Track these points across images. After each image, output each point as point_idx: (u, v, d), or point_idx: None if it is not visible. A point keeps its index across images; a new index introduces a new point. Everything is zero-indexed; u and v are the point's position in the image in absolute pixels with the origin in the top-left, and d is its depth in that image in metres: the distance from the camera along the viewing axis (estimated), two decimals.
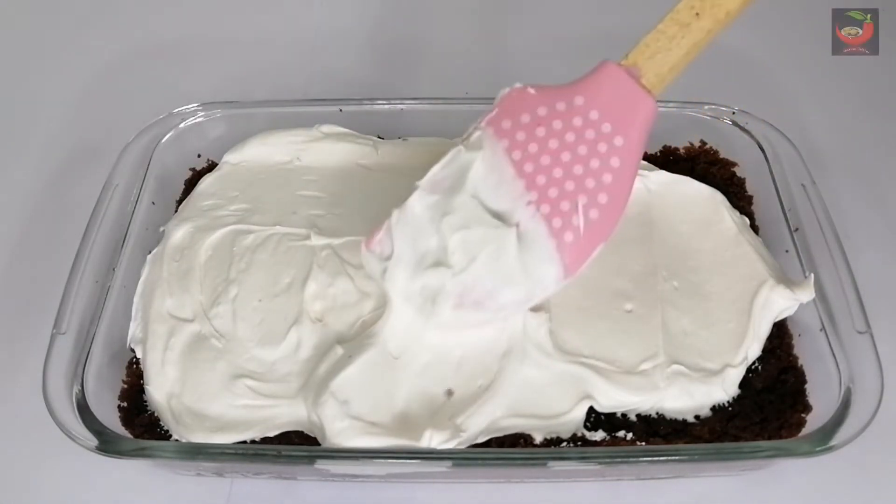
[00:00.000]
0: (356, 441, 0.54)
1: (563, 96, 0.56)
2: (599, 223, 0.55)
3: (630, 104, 0.55)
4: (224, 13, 1.03)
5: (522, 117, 0.56)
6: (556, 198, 0.55)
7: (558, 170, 0.55)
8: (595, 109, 0.55)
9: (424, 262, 0.56)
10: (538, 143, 0.56)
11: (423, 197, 0.57)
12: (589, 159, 0.55)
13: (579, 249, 0.55)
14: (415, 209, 0.57)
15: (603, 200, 0.55)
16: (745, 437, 0.57)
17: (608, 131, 0.55)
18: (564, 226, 0.55)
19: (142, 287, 0.65)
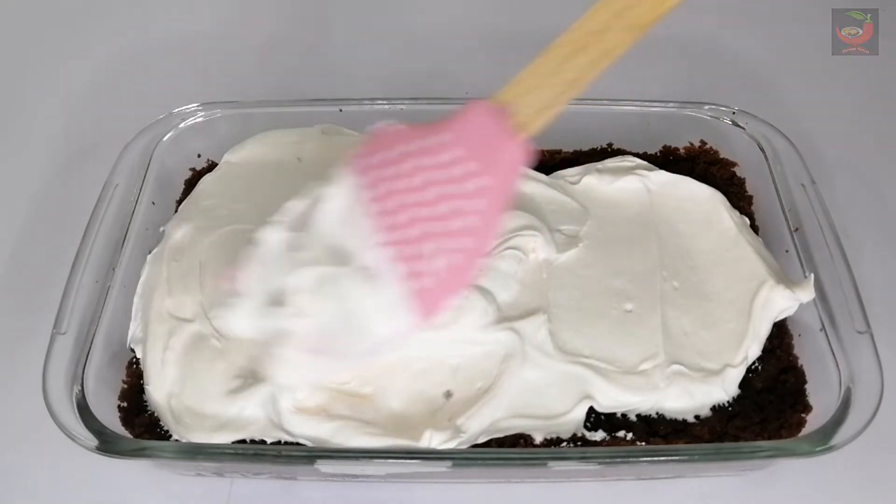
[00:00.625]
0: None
1: (431, 133, 0.52)
2: (461, 267, 0.51)
3: (498, 144, 0.50)
4: (224, 13, 1.03)
5: (388, 154, 0.52)
6: (416, 239, 0.50)
7: (423, 209, 0.50)
8: (461, 148, 0.50)
9: (266, 302, 0.52)
10: (401, 181, 0.51)
11: (275, 232, 0.53)
12: (453, 199, 0.50)
13: (437, 294, 0.51)
14: (267, 244, 0.53)
15: (466, 243, 0.50)
16: (745, 437, 0.57)
17: (474, 170, 0.50)
18: (422, 269, 0.50)
19: (142, 287, 0.65)
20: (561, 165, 0.74)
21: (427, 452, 0.54)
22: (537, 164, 0.74)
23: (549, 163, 0.76)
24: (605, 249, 0.66)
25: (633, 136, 0.76)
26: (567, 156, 0.76)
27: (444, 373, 0.58)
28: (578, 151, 0.76)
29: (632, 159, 0.72)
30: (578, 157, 0.76)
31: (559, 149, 0.77)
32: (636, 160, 0.72)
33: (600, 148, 0.77)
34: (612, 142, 0.77)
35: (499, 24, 1.00)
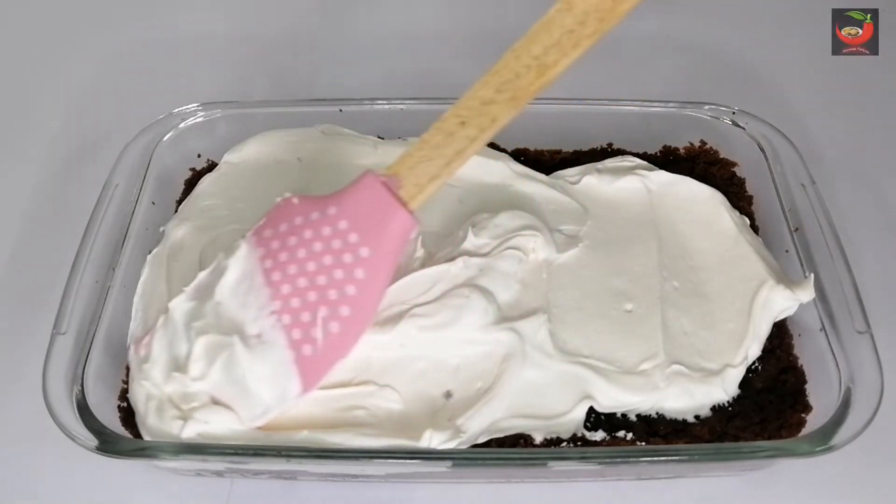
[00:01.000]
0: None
1: (319, 206, 0.56)
2: (339, 336, 0.54)
3: (382, 215, 0.54)
4: (224, 13, 1.03)
5: (281, 226, 0.56)
6: (298, 308, 0.54)
7: (303, 279, 0.54)
8: (344, 219, 0.54)
9: (168, 367, 0.56)
10: (288, 252, 0.55)
11: (183, 302, 0.57)
12: (333, 269, 0.54)
13: (317, 363, 0.54)
14: (174, 313, 0.57)
15: (345, 313, 0.53)
16: (745, 437, 0.57)
17: (354, 241, 0.54)
18: (304, 338, 0.53)
19: (142, 287, 0.65)
20: (561, 165, 0.74)
21: (427, 452, 0.54)
22: (537, 164, 0.74)
23: (549, 163, 0.76)
24: (605, 249, 0.66)
25: (633, 136, 0.76)
26: (567, 156, 0.76)
27: (445, 373, 0.58)
28: (578, 151, 0.76)
29: (632, 159, 0.72)
30: (578, 157, 0.76)
31: (559, 149, 0.77)
32: (636, 160, 0.72)
33: (600, 148, 0.77)
34: (612, 142, 0.77)
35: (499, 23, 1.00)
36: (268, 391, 0.54)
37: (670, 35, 0.97)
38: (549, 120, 0.75)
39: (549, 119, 0.75)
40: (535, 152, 0.77)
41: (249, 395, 0.54)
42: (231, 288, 0.55)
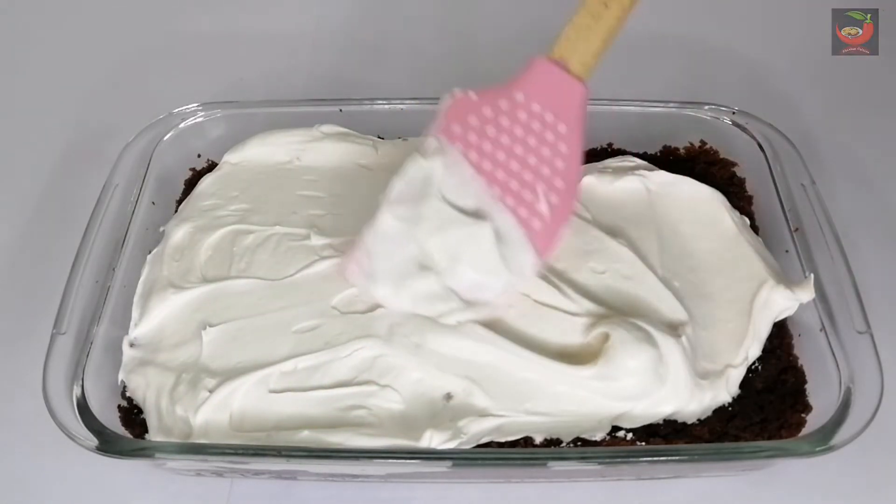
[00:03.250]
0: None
1: (503, 95, 0.58)
2: (560, 206, 0.58)
3: (566, 92, 0.57)
4: (224, 13, 1.03)
5: (470, 120, 0.59)
6: (518, 189, 0.58)
7: (514, 163, 0.58)
8: (536, 102, 0.58)
9: (407, 271, 0.58)
10: (490, 142, 0.58)
11: (391, 211, 0.59)
12: (540, 149, 0.58)
13: (548, 233, 0.58)
14: (386, 224, 0.59)
15: (559, 185, 0.58)
16: (745, 437, 0.57)
17: (551, 120, 0.58)
18: (531, 214, 0.58)
19: (142, 287, 0.65)
20: None
21: (427, 452, 0.54)
22: None
23: None
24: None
25: (633, 136, 0.76)
26: None
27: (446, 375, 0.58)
28: None
29: (632, 159, 0.72)
30: None
31: None
32: (636, 160, 0.72)
33: (600, 148, 0.77)
34: (612, 142, 0.77)
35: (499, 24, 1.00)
36: (512, 268, 0.58)
37: (670, 35, 0.97)
38: None
39: None
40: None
41: (496, 275, 0.58)
42: (445, 185, 0.58)
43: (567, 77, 0.57)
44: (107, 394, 0.59)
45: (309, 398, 0.57)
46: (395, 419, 0.56)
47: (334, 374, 0.58)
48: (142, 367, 0.60)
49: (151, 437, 0.57)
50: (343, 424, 0.56)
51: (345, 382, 0.58)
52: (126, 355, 0.61)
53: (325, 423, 0.56)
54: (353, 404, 0.57)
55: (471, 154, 0.59)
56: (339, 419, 0.56)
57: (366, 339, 0.59)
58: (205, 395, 0.57)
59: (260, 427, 0.56)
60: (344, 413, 0.57)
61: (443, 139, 0.59)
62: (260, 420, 0.57)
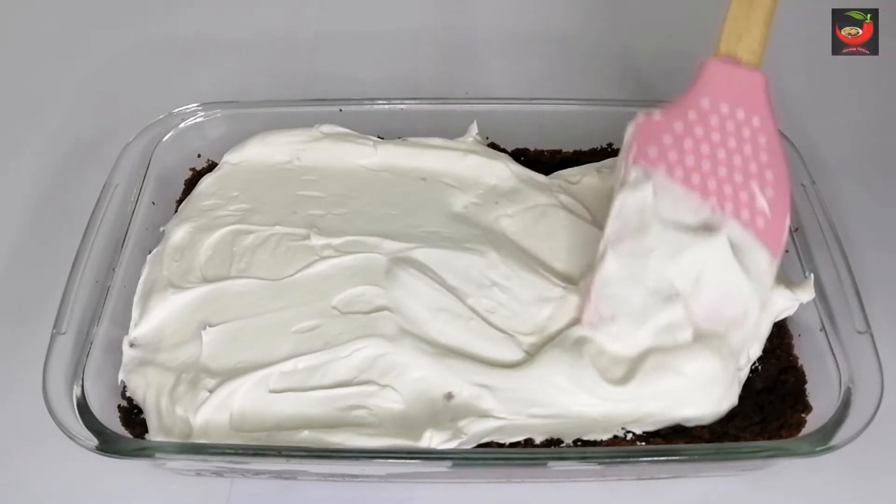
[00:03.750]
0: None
1: (689, 106, 0.59)
2: (778, 197, 0.57)
3: (747, 86, 0.57)
4: (224, 13, 1.03)
5: (664, 139, 0.59)
6: (733, 193, 0.57)
7: (722, 168, 0.57)
8: (724, 103, 0.58)
9: (652, 306, 0.57)
10: (692, 154, 0.58)
11: (615, 252, 0.57)
12: (742, 147, 0.57)
13: (774, 227, 0.57)
14: (613, 267, 0.57)
15: (770, 177, 0.57)
16: (745, 437, 0.57)
17: (743, 117, 0.58)
18: (753, 214, 0.57)
19: (142, 287, 0.65)
20: (561, 165, 0.74)
21: (427, 452, 0.54)
22: (537, 164, 0.75)
23: (549, 163, 0.76)
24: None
25: None
26: (567, 156, 0.76)
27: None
28: (578, 151, 0.76)
29: None
30: (578, 157, 0.76)
31: (559, 149, 0.77)
32: None
33: (600, 148, 0.77)
34: (612, 142, 0.77)
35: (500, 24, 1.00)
36: (753, 274, 0.56)
37: (671, 35, 0.97)
38: (549, 120, 0.75)
39: (549, 119, 0.75)
40: (535, 152, 0.77)
41: (741, 287, 0.56)
42: (663, 208, 0.57)
43: (742, 70, 0.57)
44: (107, 394, 0.59)
45: (309, 398, 0.57)
46: (395, 419, 0.56)
47: (334, 374, 0.58)
48: (142, 367, 0.60)
49: (151, 437, 0.57)
50: (343, 424, 0.56)
51: (345, 382, 0.58)
52: (126, 355, 0.61)
53: (325, 423, 0.56)
54: (353, 404, 0.57)
55: (676, 172, 0.58)
56: (339, 419, 0.56)
57: (369, 338, 0.59)
58: (205, 395, 0.57)
59: (260, 427, 0.56)
60: (344, 413, 0.57)
61: (643, 165, 0.58)
62: (260, 420, 0.57)
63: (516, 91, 0.81)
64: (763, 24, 0.58)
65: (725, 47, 0.58)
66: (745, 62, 0.58)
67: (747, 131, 0.57)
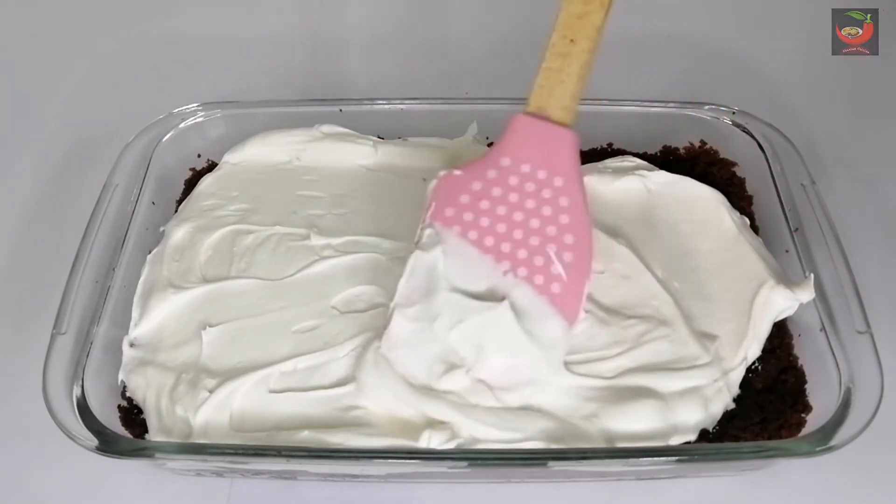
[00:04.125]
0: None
1: (489, 164, 0.57)
2: (576, 262, 0.55)
3: (552, 144, 0.56)
4: (224, 13, 1.03)
5: (461, 199, 0.57)
6: (528, 257, 0.55)
7: (517, 231, 0.55)
8: (525, 163, 0.56)
9: (436, 372, 0.55)
10: (487, 216, 0.56)
11: (402, 315, 0.56)
12: (540, 209, 0.56)
13: (570, 294, 0.55)
14: (400, 329, 0.56)
15: (570, 241, 0.55)
16: (745, 437, 0.57)
17: (545, 177, 0.56)
18: (547, 279, 0.55)
19: (142, 287, 0.65)
20: None
21: (427, 452, 0.54)
22: None
23: None
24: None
25: (633, 136, 0.76)
26: None
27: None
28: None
29: (632, 159, 0.72)
30: None
31: None
32: (636, 160, 0.72)
33: (600, 148, 0.77)
34: (612, 142, 0.77)
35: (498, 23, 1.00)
36: (543, 341, 0.55)
37: (670, 35, 0.97)
38: None
39: None
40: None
41: (527, 353, 0.55)
42: (452, 273, 0.56)
43: (550, 127, 0.55)
44: (107, 394, 0.59)
45: (309, 398, 0.57)
46: (394, 419, 0.56)
47: (334, 373, 0.58)
48: (142, 367, 0.60)
49: (151, 437, 0.57)
50: (343, 424, 0.56)
51: (345, 382, 0.58)
52: (126, 355, 0.61)
53: (325, 423, 0.56)
54: (352, 404, 0.57)
55: (470, 234, 0.56)
56: (338, 419, 0.56)
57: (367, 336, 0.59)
58: (205, 396, 0.57)
59: (260, 427, 0.56)
60: (344, 413, 0.57)
61: (438, 226, 0.57)
62: (260, 420, 0.57)
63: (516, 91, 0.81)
64: (576, 80, 0.55)
65: (535, 101, 0.56)
66: (555, 118, 0.55)
67: (548, 192, 0.55)
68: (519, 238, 0.55)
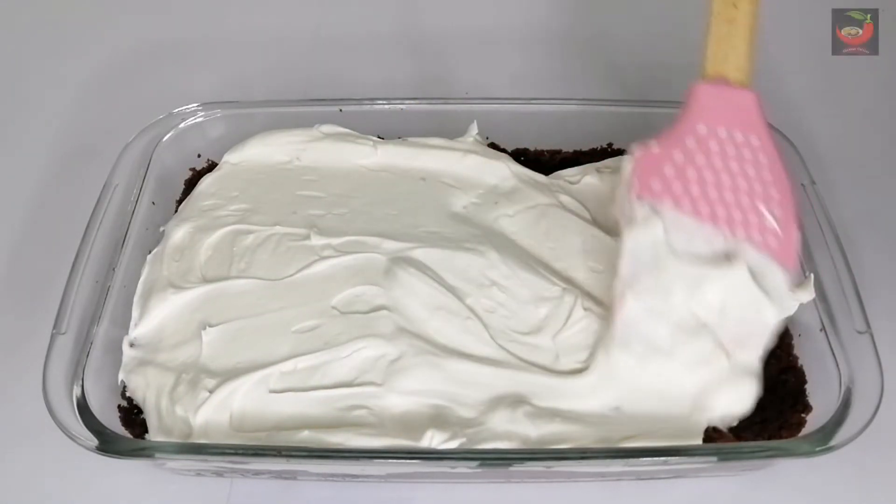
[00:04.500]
0: None
1: (685, 133, 0.58)
2: (786, 213, 0.57)
3: (740, 106, 0.57)
4: (224, 13, 1.03)
5: (666, 171, 0.58)
6: (743, 218, 0.57)
7: (728, 194, 0.57)
8: (720, 126, 0.57)
9: (678, 340, 0.56)
10: (696, 184, 0.57)
11: (634, 291, 0.56)
12: (744, 169, 0.57)
13: (786, 245, 0.57)
14: (634, 307, 0.56)
15: (776, 194, 0.57)
16: (745, 437, 0.57)
17: (742, 139, 0.57)
18: (765, 235, 0.56)
19: (142, 287, 0.65)
20: (561, 165, 0.74)
21: (427, 452, 0.54)
22: (537, 164, 0.74)
23: (549, 163, 0.76)
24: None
25: (633, 136, 0.75)
26: (567, 156, 0.76)
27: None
28: (578, 151, 0.76)
29: None
30: (578, 157, 0.76)
31: (559, 149, 0.77)
32: None
33: (600, 148, 0.77)
34: (612, 142, 0.77)
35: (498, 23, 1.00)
36: (774, 296, 0.56)
37: (670, 35, 0.96)
38: (549, 120, 0.75)
39: (549, 119, 0.75)
40: (535, 152, 0.77)
41: (766, 309, 0.56)
42: (675, 244, 0.56)
43: (733, 90, 0.57)
44: (107, 394, 0.59)
45: (309, 398, 0.57)
46: (395, 419, 0.56)
47: (334, 374, 0.58)
48: (142, 367, 0.60)
49: (151, 437, 0.57)
50: (343, 424, 0.56)
51: (345, 382, 0.58)
52: (126, 355, 0.61)
53: (326, 423, 0.56)
54: (353, 404, 0.57)
55: (683, 204, 0.57)
56: (339, 419, 0.56)
57: (368, 338, 0.59)
58: (205, 396, 0.57)
59: (260, 427, 0.56)
60: (344, 413, 0.57)
61: (649, 200, 0.57)
62: (260, 420, 0.57)
63: (516, 91, 0.81)
64: (747, 41, 0.57)
65: (713, 69, 0.57)
66: (735, 81, 0.57)
67: (748, 152, 0.57)
68: (730, 200, 0.57)
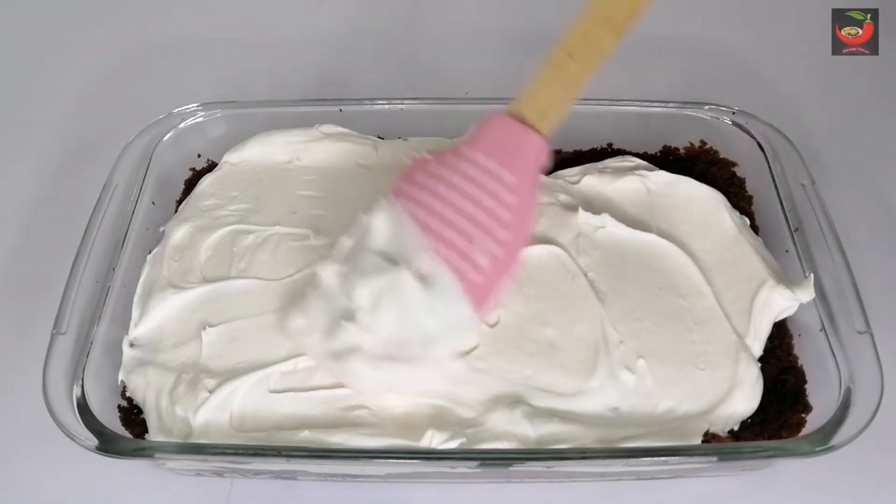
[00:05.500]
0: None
1: (456, 152, 0.58)
2: (502, 259, 0.56)
3: (515, 141, 0.57)
4: (224, 13, 1.03)
5: (418, 177, 0.58)
6: (457, 241, 0.55)
7: (462, 219, 0.56)
8: (480, 152, 0.57)
9: (335, 323, 0.55)
10: (434, 196, 0.57)
11: (332, 266, 0.56)
12: (482, 199, 0.56)
13: (485, 286, 0.56)
14: (327, 280, 0.56)
15: (503, 236, 0.56)
16: (745, 437, 0.57)
17: (494, 169, 0.56)
18: (468, 266, 0.55)
19: (142, 287, 0.65)
20: (561, 165, 0.74)
21: (427, 452, 0.54)
22: None
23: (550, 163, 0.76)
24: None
25: (633, 136, 0.76)
26: (567, 156, 0.76)
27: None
28: (578, 151, 0.76)
29: (632, 159, 0.72)
30: (578, 157, 0.76)
31: (559, 149, 0.77)
32: (636, 160, 0.72)
33: (600, 148, 0.77)
34: (612, 142, 0.77)
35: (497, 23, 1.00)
36: (446, 322, 0.55)
37: (670, 35, 0.97)
38: None
39: None
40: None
41: (422, 331, 0.55)
42: (385, 240, 0.56)
43: (520, 127, 0.56)
44: (107, 394, 0.59)
45: (309, 398, 0.57)
46: (395, 419, 0.56)
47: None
48: (142, 367, 0.60)
49: (151, 437, 0.57)
50: (343, 424, 0.56)
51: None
52: (126, 355, 0.61)
53: (326, 423, 0.56)
54: (353, 404, 0.57)
55: (418, 211, 0.56)
56: (339, 419, 0.56)
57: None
58: (205, 396, 0.57)
59: (260, 427, 0.56)
60: (344, 413, 0.57)
61: (391, 198, 0.58)
62: (260, 420, 0.57)
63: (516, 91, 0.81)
64: (562, 88, 0.56)
65: (519, 105, 0.57)
66: (528, 121, 0.56)
67: (495, 185, 0.56)
68: (461, 225, 0.56)
